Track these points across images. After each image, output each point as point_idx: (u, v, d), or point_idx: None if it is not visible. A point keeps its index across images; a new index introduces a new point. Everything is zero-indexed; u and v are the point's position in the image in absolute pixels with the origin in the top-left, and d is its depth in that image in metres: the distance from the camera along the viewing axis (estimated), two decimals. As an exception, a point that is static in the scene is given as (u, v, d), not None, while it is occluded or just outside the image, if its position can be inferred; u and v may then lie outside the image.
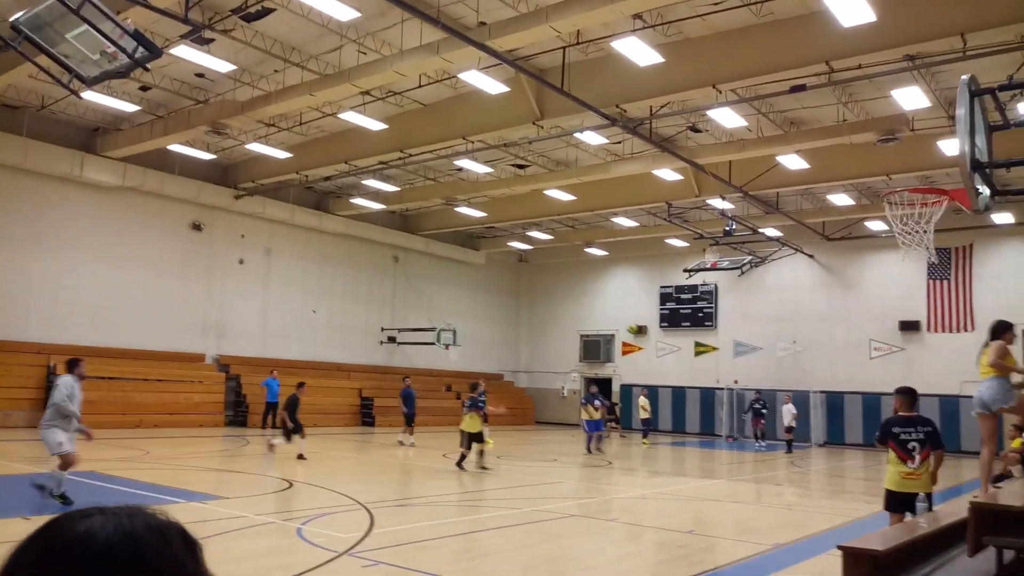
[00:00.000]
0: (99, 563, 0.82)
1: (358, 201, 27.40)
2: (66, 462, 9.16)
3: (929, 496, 7.41)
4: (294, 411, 16.65)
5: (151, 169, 23.29)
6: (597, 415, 21.36)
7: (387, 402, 28.82)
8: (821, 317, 29.73)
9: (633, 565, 8.06)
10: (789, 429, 23.94)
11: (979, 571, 4.43)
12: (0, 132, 20.34)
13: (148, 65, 13.71)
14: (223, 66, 16.87)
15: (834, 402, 28.77)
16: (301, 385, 17.31)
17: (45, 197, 21.80)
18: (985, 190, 5.75)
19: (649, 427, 26.11)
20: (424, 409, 29.37)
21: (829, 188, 24.31)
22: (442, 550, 8.38)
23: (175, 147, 22.20)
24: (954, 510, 6.04)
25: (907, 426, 7.42)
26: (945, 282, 27.18)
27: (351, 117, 19.40)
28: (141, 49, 9.95)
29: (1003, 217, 25.05)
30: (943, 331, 27.06)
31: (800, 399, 28.91)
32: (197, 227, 25.47)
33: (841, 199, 25.02)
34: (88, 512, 0.88)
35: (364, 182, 25.92)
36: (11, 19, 10.21)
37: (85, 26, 9.68)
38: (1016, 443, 12.33)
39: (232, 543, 8.05)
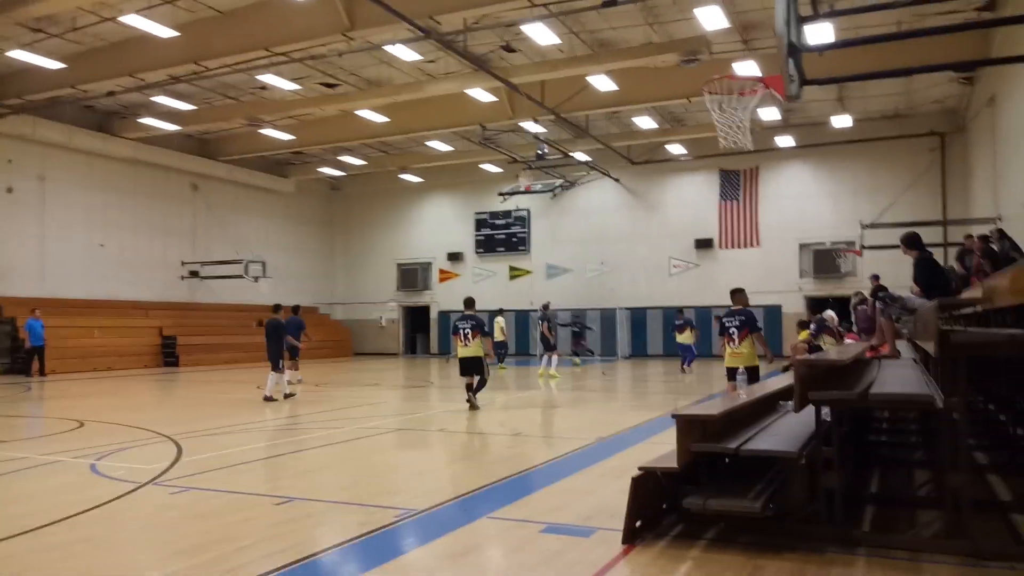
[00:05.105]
0: None
1: (148, 121, 24.85)
2: None
3: (756, 370, 9.75)
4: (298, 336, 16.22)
5: None
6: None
7: (192, 340, 27.08)
8: (626, 238, 31.17)
9: (464, 467, 8.02)
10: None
11: (801, 427, 4.71)
12: None
13: None
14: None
15: (638, 317, 30.54)
16: (278, 308, 15.32)
17: None
18: (796, 76, 5.99)
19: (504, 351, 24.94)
20: (235, 346, 28.03)
21: (635, 111, 25.15)
22: (260, 471, 7.90)
23: (-86, 54, 18.88)
24: (784, 380, 6.47)
25: (729, 316, 9.87)
26: (735, 202, 29.30)
27: (134, 21, 17.31)
28: None
29: (785, 140, 27.24)
30: (733, 247, 29.30)
31: (608, 316, 30.64)
32: (-50, 150, 22.08)
33: (645, 122, 26.02)
34: None
35: (154, 99, 23.44)
36: None
37: None
38: (803, 335, 13.58)
39: (13, 484, 7.11)
